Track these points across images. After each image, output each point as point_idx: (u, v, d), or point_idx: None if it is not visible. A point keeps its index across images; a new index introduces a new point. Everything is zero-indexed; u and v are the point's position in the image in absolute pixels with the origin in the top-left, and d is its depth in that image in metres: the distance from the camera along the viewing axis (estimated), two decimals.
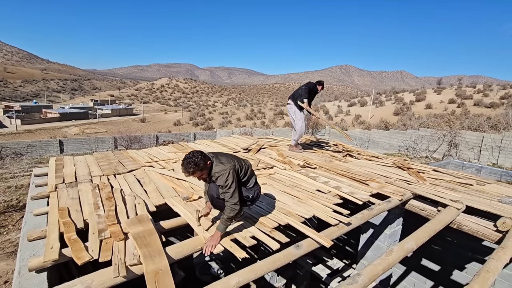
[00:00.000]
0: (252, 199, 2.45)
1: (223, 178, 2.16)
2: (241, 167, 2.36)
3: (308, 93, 5.52)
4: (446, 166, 11.21)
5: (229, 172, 2.17)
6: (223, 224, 2.20)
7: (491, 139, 14.11)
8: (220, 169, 2.20)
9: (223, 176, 2.17)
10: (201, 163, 2.16)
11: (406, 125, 24.38)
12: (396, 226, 3.58)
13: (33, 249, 2.15)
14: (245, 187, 2.42)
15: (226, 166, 2.21)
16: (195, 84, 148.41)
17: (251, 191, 2.43)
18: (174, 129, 42.12)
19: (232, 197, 2.17)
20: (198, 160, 2.14)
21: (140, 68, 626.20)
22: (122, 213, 2.60)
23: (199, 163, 2.15)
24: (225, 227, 2.22)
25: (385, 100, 49.92)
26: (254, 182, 2.48)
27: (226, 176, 2.16)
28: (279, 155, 5.01)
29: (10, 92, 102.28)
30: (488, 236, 2.76)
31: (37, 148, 20.36)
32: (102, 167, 4.05)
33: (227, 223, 2.21)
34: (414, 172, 4.30)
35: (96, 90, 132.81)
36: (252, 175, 2.48)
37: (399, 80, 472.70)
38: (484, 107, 34.67)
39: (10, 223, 7.76)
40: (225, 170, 2.18)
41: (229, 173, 2.17)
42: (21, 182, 11.10)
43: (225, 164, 2.23)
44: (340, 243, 5.67)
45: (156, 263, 1.89)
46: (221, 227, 2.20)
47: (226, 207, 2.20)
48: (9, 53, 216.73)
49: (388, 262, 2.09)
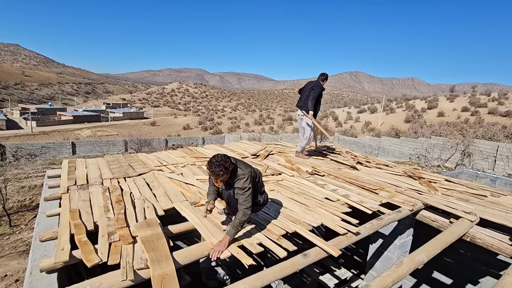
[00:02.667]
0: (262, 203, 2.59)
1: (242, 181, 2.28)
2: (256, 175, 2.50)
3: (316, 100, 5.27)
4: (459, 176, 10.92)
5: (248, 177, 2.30)
6: (234, 229, 2.23)
7: (507, 148, 13.70)
8: (240, 173, 2.33)
9: (242, 180, 2.29)
10: (230, 166, 2.28)
11: (418, 133, 23.95)
12: (406, 236, 3.50)
13: (44, 249, 2.20)
14: (258, 192, 2.57)
15: (245, 171, 2.35)
16: (204, 89, 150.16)
17: (262, 197, 2.59)
18: (183, 133, 42.58)
19: (247, 200, 2.26)
20: (227, 164, 2.26)
21: (152, 73, 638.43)
22: (131, 217, 2.63)
23: (228, 167, 2.26)
24: (235, 232, 2.24)
25: (396, 107, 49.25)
26: (263, 190, 2.65)
27: (244, 180, 2.28)
28: (287, 162, 4.99)
29: (27, 94, 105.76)
30: (503, 250, 2.67)
31: (50, 150, 20.91)
32: (112, 170, 4.12)
33: (238, 228, 2.24)
34: (425, 182, 4.21)
35: (108, 94, 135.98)
36: (262, 184, 2.64)
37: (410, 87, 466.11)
38: (499, 116, 33.74)
39: (23, 223, 7.95)
40: (245, 174, 2.32)
41: (247, 178, 2.30)
42: (34, 182, 11.39)
43: (243, 170, 2.36)
44: (348, 253, 5.57)
45: (163, 267, 1.90)
46: (231, 232, 2.23)
47: (239, 211, 2.26)
48: (27, 58, 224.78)
49: (398, 274, 2.05)
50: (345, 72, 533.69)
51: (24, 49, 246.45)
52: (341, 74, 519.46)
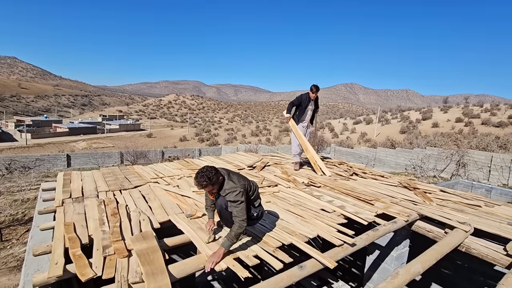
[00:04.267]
0: (256, 217, 2.55)
1: (233, 194, 2.27)
2: (250, 187, 2.49)
3: (297, 106, 5.38)
4: (455, 186, 10.99)
5: (240, 191, 2.29)
6: (229, 241, 2.22)
7: (501, 159, 13.87)
8: (230, 186, 2.31)
9: (233, 193, 2.27)
10: (214, 178, 2.28)
11: (413, 143, 24.19)
12: (403, 248, 3.50)
13: (38, 264, 2.17)
14: (252, 205, 2.52)
15: (237, 184, 2.33)
16: (201, 101, 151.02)
17: (256, 210, 2.54)
18: (180, 145, 42.48)
19: (241, 213, 2.25)
20: (211, 175, 2.28)
21: (149, 85, 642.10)
22: (126, 230, 2.61)
23: (212, 178, 2.28)
24: (230, 244, 2.23)
25: (391, 118, 49.89)
26: (259, 204, 2.60)
27: (236, 193, 2.27)
28: (283, 173, 5.01)
29: (23, 106, 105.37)
30: (498, 261, 2.68)
31: (45, 162, 20.68)
32: (108, 183, 4.10)
33: (233, 240, 2.24)
34: (420, 192, 4.25)
35: (105, 106, 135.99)
36: (258, 196, 2.59)
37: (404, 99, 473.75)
38: (492, 126, 34.31)
39: (14, 237, 7.78)
40: (236, 187, 2.30)
41: (239, 192, 2.28)
42: (27, 195, 11.21)
43: (235, 182, 2.34)
44: (346, 265, 5.52)
45: (158, 281, 1.88)
46: (227, 243, 2.21)
47: (235, 224, 2.25)
48: (24, 70, 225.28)
49: (393, 285, 2.04)
50: (341, 84, 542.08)
51: (21, 62, 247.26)
52: (337, 86, 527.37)
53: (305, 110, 5.43)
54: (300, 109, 5.44)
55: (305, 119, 5.54)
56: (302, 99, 5.39)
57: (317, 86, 5.31)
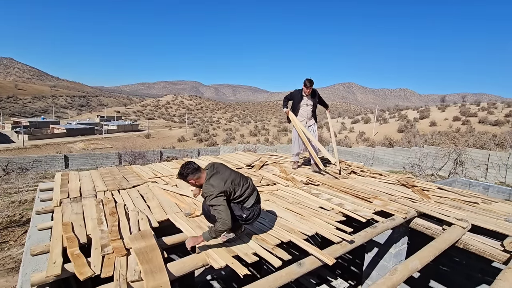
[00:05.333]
0: (245, 219, 2.39)
1: (210, 198, 2.26)
2: (238, 187, 2.38)
3: (293, 100, 5.17)
4: (453, 184, 11.04)
5: (215, 196, 2.24)
6: (209, 235, 2.21)
7: (498, 157, 13.95)
8: (207, 190, 2.30)
9: (210, 197, 2.26)
10: (187, 172, 2.35)
11: (411, 142, 24.28)
12: (401, 245, 3.52)
13: (36, 264, 2.16)
14: (240, 206, 2.40)
15: (215, 188, 2.26)
16: (199, 101, 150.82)
17: (246, 211, 2.39)
18: (178, 145, 42.41)
19: (220, 215, 2.21)
20: (183, 171, 2.37)
21: (147, 85, 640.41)
22: (125, 229, 2.61)
23: (183, 173, 2.37)
24: (209, 238, 2.22)
25: (388, 117, 50.04)
26: (253, 203, 2.43)
27: (212, 197, 2.24)
28: (282, 172, 5.02)
29: (20, 108, 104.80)
30: (495, 256, 2.70)
31: (42, 163, 20.58)
32: (106, 182, 4.09)
33: (213, 235, 2.21)
34: (418, 190, 4.27)
35: (103, 107, 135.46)
36: (250, 195, 2.45)
37: (402, 98, 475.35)
38: (489, 125, 34.50)
39: (12, 239, 7.74)
40: (212, 192, 2.25)
41: (215, 196, 2.24)
42: (25, 197, 11.16)
43: (214, 186, 2.27)
44: (345, 263, 5.53)
45: (156, 279, 1.88)
46: (206, 235, 2.22)
47: (217, 221, 2.22)
48: (20, 71, 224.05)
49: (392, 281, 2.05)
50: (339, 83, 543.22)
51: (17, 63, 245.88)
52: (335, 85, 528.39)
53: (297, 106, 5.16)
54: (293, 105, 5.21)
55: (304, 115, 5.26)
56: (294, 95, 5.16)
57: (310, 80, 4.89)
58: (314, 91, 5.17)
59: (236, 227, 2.44)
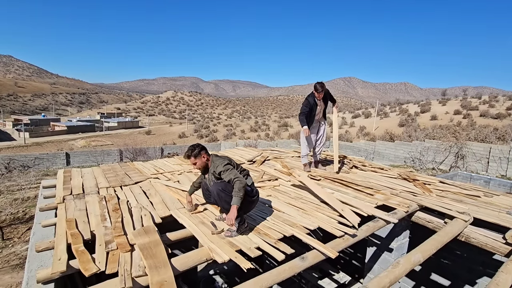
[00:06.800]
0: (251, 192, 2.64)
1: (221, 165, 2.56)
2: (237, 167, 2.70)
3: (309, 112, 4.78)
4: (454, 178, 11.04)
5: (226, 162, 2.60)
6: (236, 196, 2.41)
7: (499, 150, 13.93)
8: (218, 161, 2.64)
9: (221, 164, 2.57)
10: (196, 151, 2.65)
11: (412, 136, 24.22)
12: (403, 238, 3.53)
13: (41, 260, 2.18)
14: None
15: (225, 159, 2.64)
16: (200, 97, 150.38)
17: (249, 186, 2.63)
18: (179, 142, 42.41)
19: (234, 173, 2.50)
20: (195, 150, 2.66)
21: (147, 82, 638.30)
22: (128, 225, 2.62)
23: (194, 150, 2.65)
24: (239, 199, 2.40)
25: (389, 111, 49.85)
26: (252, 183, 2.73)
27: (224, 164, 2.56)
28: (283, 167, 5.02)
29: (20, 106, 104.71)
30: (497, 249, 2.71)
31: (44, 161, 20.64)
32: (108, 179, 4.10)
33: (239, 194, 2.42)
34: (420, 184, 4.27)
35: (103, 104, 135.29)
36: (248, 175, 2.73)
37: (403, 92, 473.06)
38: (490, 118, 34.35)
39: (16, 236, 7.80)
40: (223, 160, 2.62)
41: (226, 162, 2.59)
42: (27, 194, 11.22)
43: (223, 158, 2.67)
44: (346, 257, 5.57)
45: (161, 274, 1.90)
46: (235, 199, 2.40)
47: (235, 184, 2.45)
48: (20, 68, 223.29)
49: (395, 274, 2.07)
50: (339, 77, 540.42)
51: (17, 60, 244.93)
52: (335, 79, 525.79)
53: (313, 113, 4.86)
54: (311, 115, 4.85)
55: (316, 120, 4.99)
56: (311, 105, 4.76)
57: (322, 83, 4.70)
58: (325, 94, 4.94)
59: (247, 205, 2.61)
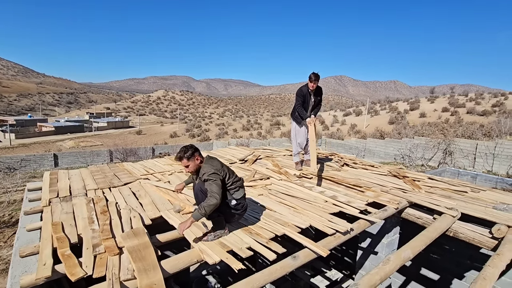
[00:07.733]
0: (235, 206, 2.54)
1: (207, 173, 2.42)
2: (231, 175, 2.57)
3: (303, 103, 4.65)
4: (442, 174, 11.28)
5: (214, 171, 2.43)
6: (198, 212, 2.27)
7: (485, 146, 14.30)
8: (207, 167, 2.47)
9: (209, 172, 2.43)
10: (189, 153, 2.49)
11: (401, 133, 24.63)
12: (393, 235, 3.57)
13: (25, 265, 2.11)
14: (231, 193, 2.55)
15: (214, 167, 2.47)
16: (191, 96, 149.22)
17: (234, 200, 2.53)
18: (171, 141, 42.01)
19: (215, 189, 2.34)
20: (187, 151, 2.50)
21: (137, 81, 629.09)
22: (117, 227, 2.57)
23: (186, 152, 2.49)
24: (199, 216, 2.27)
25: (379, 109, 50.57)
26: (242, 196, 2.58)
27: (210, 173, 2.42)
28: (275, 166, 5.02)
29: (5, 106, 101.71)
30: (484, 243, 2.77)
31: (31, 162, 20.14)
32: (97, 181, 4.01)
33: (202, 211, 2.26)
34: (409, 181, 4.33)
35: (92, 103, 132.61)
36: (240, 187, 2.60)
37: (392, 90, 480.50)
38: (476, 115, 35.23)
39: (2, 240, 7.59)
40: (211, 168, 2.46)
41: (213, 172, 2.43)
42: (14, 197, 10.92)
43: (213, 166, 2.49)
44: (338, 254, 5.61)
45: (150, 277, 1.86)
46: (196, 214, 2.27)
47: (208, 198, 2.31)
48: (4, 68, 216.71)
49: (385, 271, 2.08)
50: (330, 76, 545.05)
51: (1, 59, 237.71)
52: (326, 78, 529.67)
53: (308, 105, 4.67)
54: (304, 105, 4.70)
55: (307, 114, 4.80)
56: (304, 94, 4.53)
57: (316, 74, 4.42)
58: (319, 89, 4.73)
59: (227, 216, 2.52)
